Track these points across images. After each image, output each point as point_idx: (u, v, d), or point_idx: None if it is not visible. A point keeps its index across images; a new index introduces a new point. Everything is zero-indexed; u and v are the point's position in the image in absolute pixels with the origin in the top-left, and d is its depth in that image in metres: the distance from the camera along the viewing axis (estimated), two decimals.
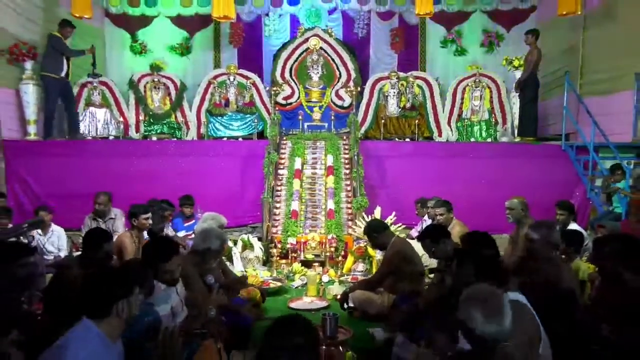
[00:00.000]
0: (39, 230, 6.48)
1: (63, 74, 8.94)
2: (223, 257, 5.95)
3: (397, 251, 4.90)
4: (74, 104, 9.36)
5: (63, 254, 6.44)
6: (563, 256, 4.70)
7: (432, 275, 4.97)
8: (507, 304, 2.20)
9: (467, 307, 2.18)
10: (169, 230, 6.55)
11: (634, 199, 6.46)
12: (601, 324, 3.21)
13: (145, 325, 2.80)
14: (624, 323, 2.94)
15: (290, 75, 10.31)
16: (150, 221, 5.61)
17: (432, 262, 5.23)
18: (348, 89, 10.13)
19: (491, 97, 9.85)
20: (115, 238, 5.41)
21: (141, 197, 6.24)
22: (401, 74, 10.05)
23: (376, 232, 5.15)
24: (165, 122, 9.92)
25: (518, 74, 9.47)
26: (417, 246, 5.13)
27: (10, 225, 5.92)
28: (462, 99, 9.90)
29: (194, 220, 6.95)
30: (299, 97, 10.25)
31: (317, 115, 10.15)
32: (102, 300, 2.32)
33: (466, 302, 2.21)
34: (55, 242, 6.54)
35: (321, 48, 10.29)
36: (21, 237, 5.55)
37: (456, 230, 5.64)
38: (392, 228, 6.05)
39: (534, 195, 6.25)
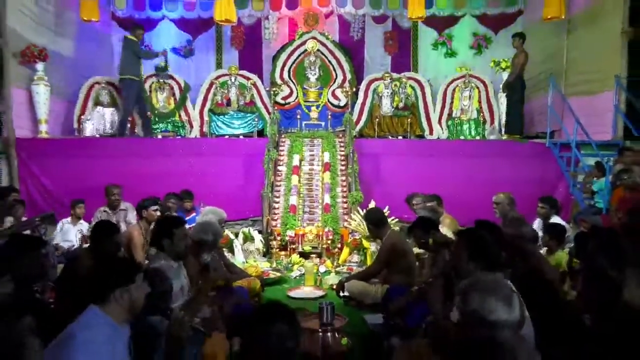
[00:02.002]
0: (69, 219, 6.75)
1: (139, 76, 9.12)
2: (225, 249, 6.02)
3: (392, 244, 4.93)
4: (147, 104, 9.48)
5: (76, 244, 6.51)
6: (546, 248, 4.75)
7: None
8: (515, 294, 2.16)
9: (482, 296, 2.07)
10: None
11: (614, 194, 6.50)
12: (583, 314, 3.25)
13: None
14: (606, 315, 2.97)
15: (289, 76, 10.33)
16: (158, 213, 5.67)
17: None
18: (344, 90, 10.14)
19: (480, 97, 9.87)
20: (125, 230, 5.48)
21: (146, 192, 6.20)
22: (394, 75, 10.06)
23: (375, 225, 5.19)
24: (169, 120, 9.93)
25: (505, 75, 9.50)
26: None
27: (24, 218, 6.00)
28: (452, 98, 9.91)
29: (194, 214, 6.97)
30: (297, 97, 10.26)
31: (314, 114, 10.17)
32: (101, 286, 2.33)
33: (479, 293, 2.10)
34: (76, 233, 6.65)
35: (318, 50, 10.31)
36: (34, 230, 5.57)
37: (446, 223, 5.68)
38: None
39: (520, 191, 6.28)
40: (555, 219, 5.71)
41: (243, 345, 1.91)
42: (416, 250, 5.22)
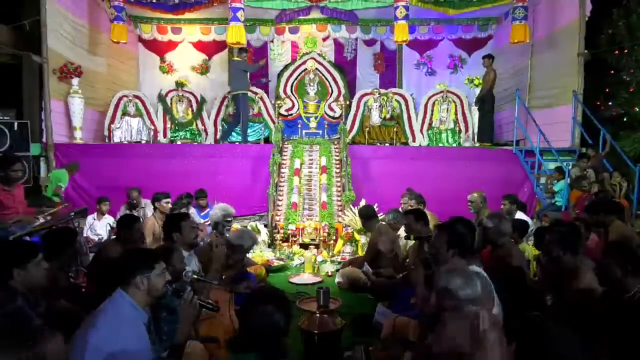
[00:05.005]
0: (95, 215, 6.70)
1: (248, 89, 9.25)
2: None
3: (379, 237, 4.91)
4: (248, 115, 9.46)
5: (105, 236, 6.46)
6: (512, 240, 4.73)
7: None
8: (475, 275, 2.19)
9: (448, 276, 2.14)
10: (195, 218, 6.53)
11: (571, 194, 6.51)
12: (545, 295, 3.25)
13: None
14: (562, 294, 2.97)
15: (291, 91, 10.31)
16: (170, 205, 5.64)
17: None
18: (339, 103, 10.14)
19: (456, 109, 9.85)
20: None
21: (168, 190, 6.17)
22: (382, 90, 10.04)
23: (367, 219, 5.18)
24: (188, 129, 9.90)
25: (478, 91, 9.49)
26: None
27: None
28: (432, 111, 9.89)
29: (208, 210, 6.94)
30: (298, 109, 10.25)
31: (313, 124, 10.17)
32: (124, 272, 2.30)
33: (446, 273, 2.17)
34: (104, 226, 6.61)
35: (316, 69, 10.30)
36: (69, 223, 5.53)
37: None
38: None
39: (491, 190, 6.23)
40: (519, 215, 5.70)
41: (240, 323, 1.90)
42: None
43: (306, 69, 10.30)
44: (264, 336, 1.84)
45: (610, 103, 9.51)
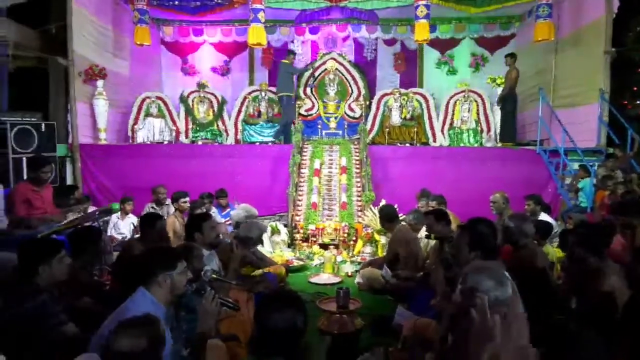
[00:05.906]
0: (119, 215, 6.82)
1: (294, 91, 9.51)
2: None
3: (401, 236, 4.90)
4: (293, 118, 9.64)
5: (129, 235, 6.56)
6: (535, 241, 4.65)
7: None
8: (504, 276, 2.12)
9: (477, 277, 2.05)
10: (216, 217, 6.60)
11: (597, 195, 6.38)
12: (569, 297, 3.19)
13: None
14: (586, 296, 2.92)
15: (311, 91, 10.33)
16: (188, 204, 5.71)
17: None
18: (359, 103, 10.12)
19: (478, 109, 9.74)
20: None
21: (189, 189, 6.25)
22: (402, 90, 9.98)
23: (388, 220, 5.17)
24: (209, 129, 10.01)
25: (500, 90, 9.36)
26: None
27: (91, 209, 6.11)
28: (453, 111, 9.80)
29: (229, 209, 7.00)
30: (318, 109, 10.26)
31: (333, 124, 10.17)
32: (147, 271, 2.34)
33: (476, 274, 2.08)
34: (128, 226, 6.72)
35: (337, 69, 10.29)
36: (94, 222, 5.64)
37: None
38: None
39: (514, 191, 6.15)
40: (543, 216, 5.61)
41: (256, 326, 1.90)
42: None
43: (326, 69, 10.31)
44: (279, 338, 1.83)
45: (638, 102, 9.27)
